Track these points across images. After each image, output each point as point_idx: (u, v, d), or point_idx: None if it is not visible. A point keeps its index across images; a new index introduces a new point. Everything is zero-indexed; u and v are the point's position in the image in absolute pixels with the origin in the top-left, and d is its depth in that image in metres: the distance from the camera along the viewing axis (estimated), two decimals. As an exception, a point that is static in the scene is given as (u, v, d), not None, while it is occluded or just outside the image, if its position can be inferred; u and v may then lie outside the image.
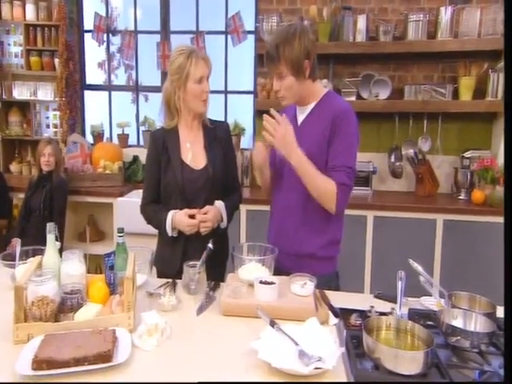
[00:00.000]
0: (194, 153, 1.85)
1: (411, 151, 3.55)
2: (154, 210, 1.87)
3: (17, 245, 1.75)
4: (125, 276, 1.35)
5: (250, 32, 3.80)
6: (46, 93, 4.01)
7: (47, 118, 4.09)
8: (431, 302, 1.53)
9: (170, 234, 1.81)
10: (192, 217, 1.77)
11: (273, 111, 1.60)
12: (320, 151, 1.65)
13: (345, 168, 1.61)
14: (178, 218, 1.78)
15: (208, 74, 1.78)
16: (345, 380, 1.12)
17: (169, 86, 1.79)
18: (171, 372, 1.15)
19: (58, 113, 3.94)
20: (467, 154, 3.40)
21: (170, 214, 1.79)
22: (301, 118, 1.74)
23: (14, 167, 4.02)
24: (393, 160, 3.61)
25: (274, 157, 1.82)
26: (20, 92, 4.02)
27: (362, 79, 3.54)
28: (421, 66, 3.60)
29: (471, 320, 1.30)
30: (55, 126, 4.04)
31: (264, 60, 1.66)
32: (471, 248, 3.05)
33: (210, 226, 1.78)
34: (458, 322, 1.30)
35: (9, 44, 4.01)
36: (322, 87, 1.76)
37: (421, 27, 3.33)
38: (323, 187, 1.60)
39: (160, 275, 1.87)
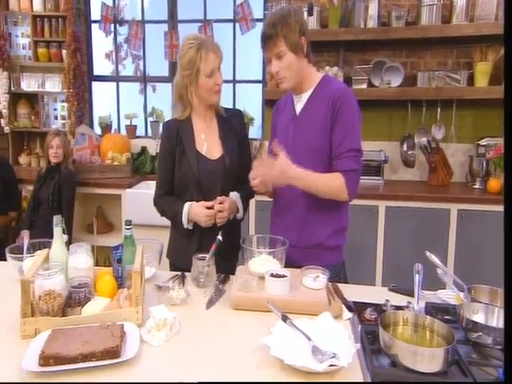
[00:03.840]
0: (208, 143, 1.81)
1: (424, 139, 3.48)
2: (168, 202, 1.84)
3: (25, 237, 1.73)
4: (133, 269, 1.32)
5: (258, 20, 3.73)
6: (53, 84, 3.98)
7: (55, 109, 4.06)
8: (449, 296, 1.48)
9: (185, 226, 1.77)
10: (209, 208, 1.74)
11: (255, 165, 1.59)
12: (323, 139, 1.62)
13: (351, 152, 1.58)
14: (194, 210, 1.74)
15: (219, 64, 1.73)
16: (360, 377, 1.08)
17: (180, 80, 1.75)
18: (180, 368, 1.12)
19: (65, 104, 3.92)
20: (483, 142, 3.32)
21: (187, 205, 1.76)
22: (299, 106, 1.70)
23: (22, 159, 4.01)
24: (405, 149, 3.54)
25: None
26: (28, 84, 4.00)
27: (374, 66, 3.46)
28: (434, 52, 3.51)
29: (493, 315, 1.24)
30: (63, 118, 4.02)
31: (261, 42, 1.63)
32: (487, 239, 2.97)
33: (226, 217, 1.75)
34: (479, 317, 1.24)
35: (16, 35, 3.99)
36: (317, 73, 1.72)
37: (435, 11, 3.23)
38: (331, 187, 1.59)
39: (173, 268, 1.85)
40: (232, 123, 1.85)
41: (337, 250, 1.73)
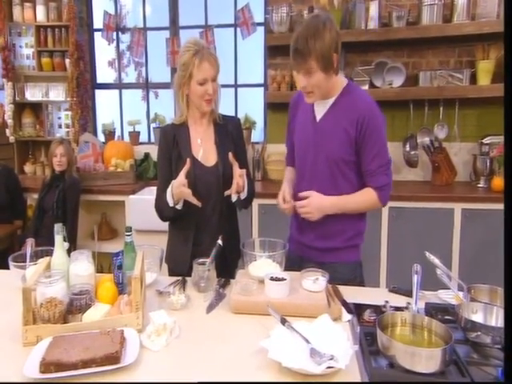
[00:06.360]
0: (204, 149, 1.81)
1: (427, 139, 3.46)
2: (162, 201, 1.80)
3: (28, 245, 1.74)
4: (133, 275, 1.33)
5: (259, 24, 3.75)
6: (57, 93, 4.04)
7: (59, 118, 4.11)
8: (449, 296, 1.47)
9: (170, 205, 1.72)
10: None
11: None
12: (345, 150, 1.62)
13: (382, 167, 1.62)
14: (174, 183, 1.69)
15: (214, 75, 1.71)
16: (358, 379, 1.08)
17: (176, 79, 1.76)
18: (179, 373, 1.12)
19: (69, 113, 3.96)
20: (486, 140, 3.30)
21: (171, 184, 1.72)
22: (320, 113, 1.67)
23: (28, 168, 4.06)
24: (408, 149, 3.53)
25: (292, 157, 1.82)
26: (32, 93, 4.06)
27: (375, 67, 3.46)
28: (436, 51, 3.50)
29: (492, 314, 1.24)
30: (67, 126, 4.06)
31: (291, 55, 1.53)
32: (491, 238, 2.93)
33: (242, 185, 1.70)
34: (477, 317, 1.24)
35: (20, 46, 4.04)
36: (342, 79, 1.66)
37: (436, 11, 3.22)
38: (365, 204, 1.66)
39: (171, 273, 1.86)
40: (229, 130, 1.85)
41: (355, 248, 1.75)
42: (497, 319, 1.22)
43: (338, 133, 1.61)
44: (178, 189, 1.67)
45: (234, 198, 1.73)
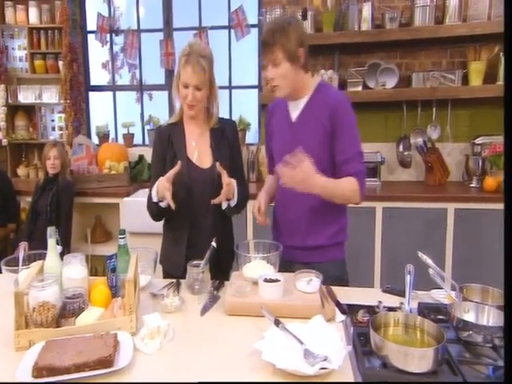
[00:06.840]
0: (199, 151, 1.81)
1: (420, 140, 3.48)
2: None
3: (20, 249, 1.73)
4: (126, 278, 1.32)
5: (253, 26, 3.75)
6: (50, 95, 4.01)
7: (53, 120, 4.09)
8: (442, 295, 1.48)
9: (154, 200, 1.72)
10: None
11: (287, 158, 1.50)
12: (324, 147, 1.63)
13: (356, 155, 1.63)
14: (160, 181, 1.69)
15: (196, 83, 1.68)
16: (352, 379, 1.08)
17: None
18: (173, 375, 1.12)
19: (63, 115, 3.95)
20: (478, 141, 3.32)
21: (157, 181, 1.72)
22: (295, 113, 1.71)
23: (21, 171, 4.04)
24: (401, 149, 3.55)
25: (272, 165, 1.85)
26: (25, 96, 4.03)
27: (369, 68, 3.48)
28: (429, 53, 3.53)
29: (484, 313, 1.25)
30: (61, 129, 4.05)
31: (260, 49, 1.63)
32: (483, 237, 2.97)
33: (231, 194, 1.72)
34: (469, 316, 1.25)
35: (13, 48, 4.01)
36: (313, 80, 1.73)
37: (428, 12, 3.25)
38: (349, 192, 1.62)
39: (166, 275, 1.86)
40: (225, 133, 1.85)
41: (340, 245, 1.77)
42: (488, 318, 1.23)
43: (315, 130, 1.64)
44: (163, 186, 1.66)
45: (224, 206, 1.74)
